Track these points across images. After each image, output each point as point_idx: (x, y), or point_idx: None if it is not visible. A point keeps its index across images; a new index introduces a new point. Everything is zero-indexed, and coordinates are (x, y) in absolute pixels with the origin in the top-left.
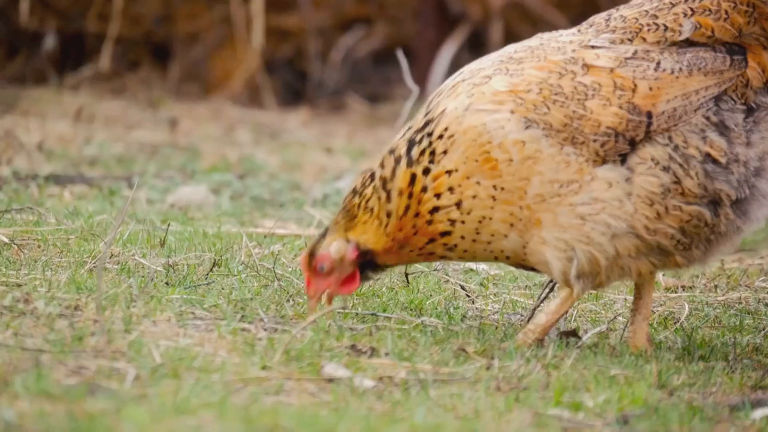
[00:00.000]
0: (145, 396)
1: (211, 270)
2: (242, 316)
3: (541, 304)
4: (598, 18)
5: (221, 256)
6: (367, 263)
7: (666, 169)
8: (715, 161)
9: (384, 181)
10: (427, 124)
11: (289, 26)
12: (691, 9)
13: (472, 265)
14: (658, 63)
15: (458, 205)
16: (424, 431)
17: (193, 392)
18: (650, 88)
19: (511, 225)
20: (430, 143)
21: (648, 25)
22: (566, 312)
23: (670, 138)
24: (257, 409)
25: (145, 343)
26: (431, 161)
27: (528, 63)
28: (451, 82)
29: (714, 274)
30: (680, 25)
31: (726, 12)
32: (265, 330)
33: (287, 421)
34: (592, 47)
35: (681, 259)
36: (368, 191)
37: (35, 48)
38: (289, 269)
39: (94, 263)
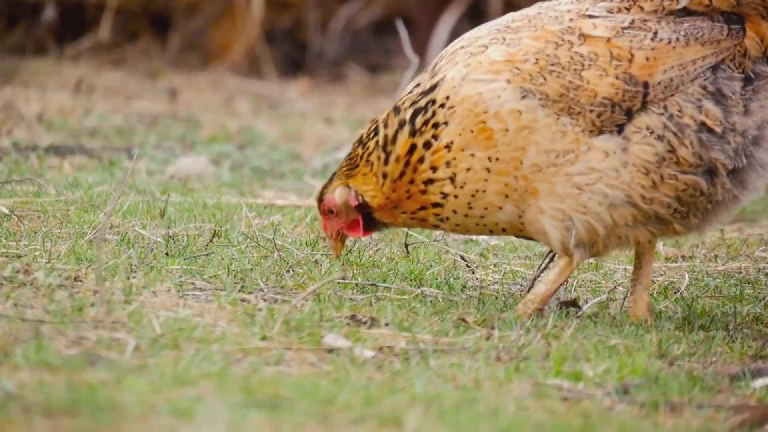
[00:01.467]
0: (145, 366)
1: (210, 241)
2: (242, 287)
3: (541, 274)
4: None
5: (221, 227)
6: (367, 215)
7: (660, 137)
8: (710, 130)
9: (385, 142)
10: (432, 88)
11: None
12: None
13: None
14: (655, 32)
15: (452, 179)
16: (424, 401)
17: (193, 363)
18: (647, 58)
19: (506, 196)
20: (434, 113)
21: None
22: (565, 281)
23: (665, 107)
24: (257, 380)
25: (145, 314)
26: (434, 136)
27: (525, 32)
28: (452, 48)
29: (714, 243)
30: None
31: None
32: (265, 300)
33: (287, 391)
34: (590, 16)
35: (679, 227)
36: (371, 144)
37: (35, 19)
38: (289, 240)
39: (94, 234)
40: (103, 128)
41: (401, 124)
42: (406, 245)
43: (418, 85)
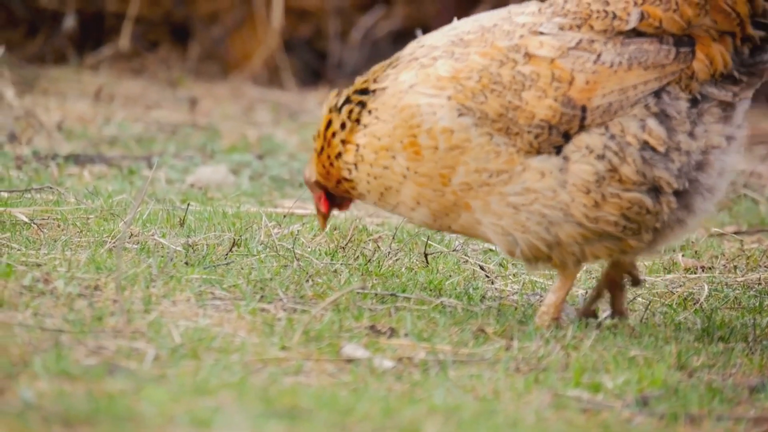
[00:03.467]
0: (164, 376)
1: (230, 250)
2: (261, 297)
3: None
4: None
5: (241, 236)
6: (327, 191)
7: (601, 157)
8: (653, 149)
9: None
10: (365, 91)
11: (308, 6)
12: None
13: (491, 245)
14: (599, 55)
15: (371, 165)
16: (444, 412)
17: (212, 373)
18: (587, 82)
19: (418, 202)
20: (360, 112)
21: (598, 11)
22: (570, 286)
23: (606, 127)
24: (276, 390)
25: (165, 324)
26: (357, 120)
27: (474, 47)
28: (409, 52)
29: (733, 254)
30: (628, 14)
31: (677, 3)
32: (285, 310)
33: (306, 401)
34: (541, 33)
35: (634, 242)
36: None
37: (55, 27)
38: (309, 249)
39: (114, 243)
40: (123, 137)
41: (330, 109)
42: (426, 255)
43: (360, 81)
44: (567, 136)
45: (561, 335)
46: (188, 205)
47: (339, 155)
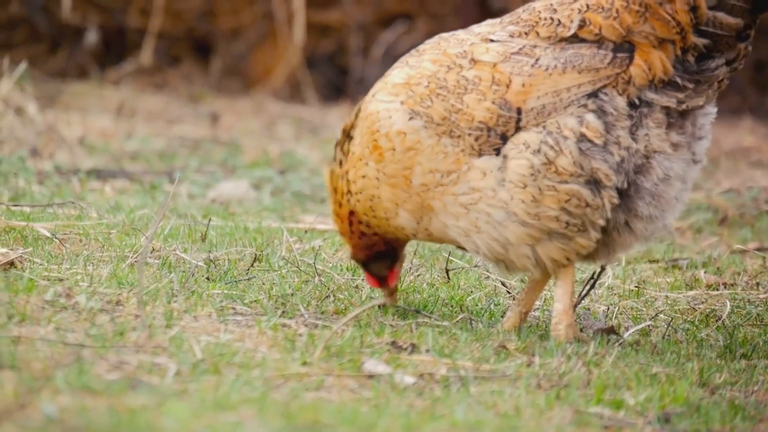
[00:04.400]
0: (185, 391)
1: (251, 265)
2: (283, 312)
3: (582, 301)
4: (524, 7)
5: (262, 252)
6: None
7: (536, 151)
8: (591, 141)
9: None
10: (354, 120)
11: (330, 22)
12: (587, 5)
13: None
14: (537, 59)
15: (354, 182)
16: (465, 428)
17: (233, 388)
18: (523, 84)
19: (397, 204)
20: (348, 143)
21: (545, 19)
22: (571, 289)
23: (543, 126)
24: (297, 405)
25: (186, 339)
26: (347, 150)
27: (428, 55)
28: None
29: (756, 271)
30: (572, 21)
31: (617, 11)
32: (306, 326)
33: (327, 417)
34: (490, 41)
35: (584, 241)
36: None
37: (77, 43)
38: (330, 265)
39: (136, 258)
40: (145, 152)
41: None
42: (447, 271)
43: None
44: (504, 138)
45: (583, 352)
46: (210, 220)
47: (344, 193)
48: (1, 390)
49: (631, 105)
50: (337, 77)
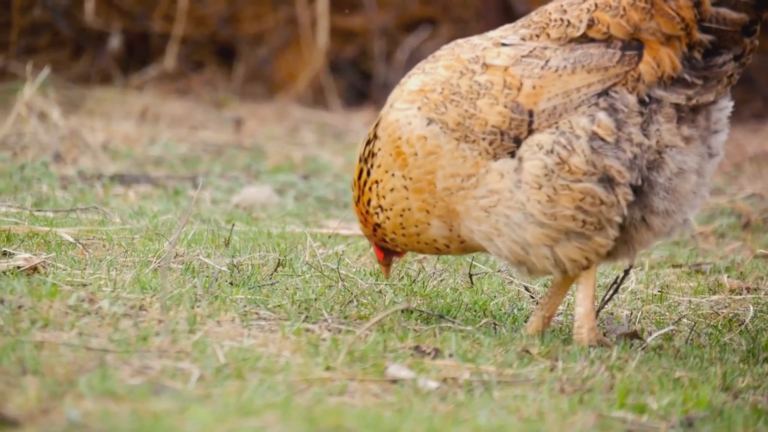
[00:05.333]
0: (209, 396)
1: (275, 270)
2: (306, 317)
3: (605, 305)
4: (537, 9)
5: (285, 257)
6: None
7: (550, 152)
8: (602, 139)
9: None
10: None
11: (354, 27)
12: (596, 4)
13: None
14: (548, 61)
15: (383, 197)
16: None
17: (256, 393)
18: (533, 87)
19: (428, 212)
20: (374, 144)
21: (555, 20)
22: (592, 293)
23: (556, 126)
24: (321, 410)
25: (209, 343)
26: (371, 164)
27: (442, 61)
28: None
29: None
30: (581, 21)
31: (624, 8)
32: (329, 330)
33: (351, 422)
34: (502, 45)
35: (602, 239)
36: None
37: (100, 48)
38: (353, 270)
39: (159, 263)
40: (168, 157)
41: (360, 158)
42: (470, 276)
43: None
44: (518, 141)
45: (606, 356)
46: (233, 225)
47: (369, 201)
48: (24, 395)
49: (642, 102)
50: (361, 82)
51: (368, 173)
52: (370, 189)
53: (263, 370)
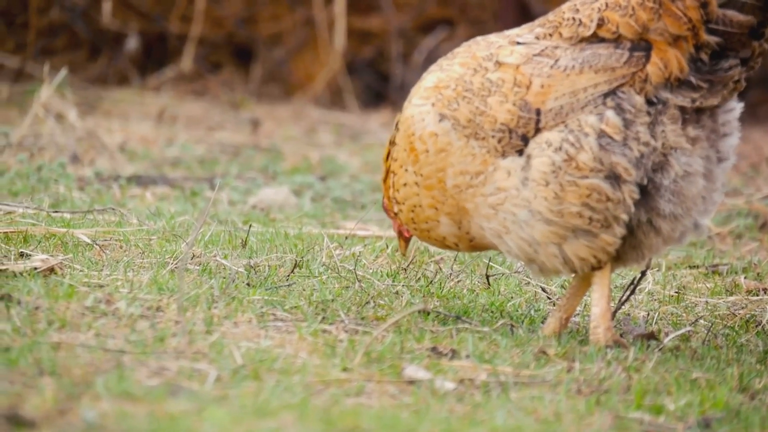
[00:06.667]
0: (226, 397)
1: (292, 271)
2: (323, 318)
3: (622, 306)
4: (555, 9)
5: (302, 258)
6: None
7: (558, 149)
8: (610, 137)
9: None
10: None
11: (371, 28)
12: (606, 3)
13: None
14: (557, 60)
15: (398, 190)
16: None
17: (273, 394)
18: (542, 86)
19: (437, 209)
20: (395, 135)
21: (568, 19)
22: (608, 292)
23: (565, 125)
24: (338, 411)
25: (226, 345)
26: (390, 155)
27: (458, 59)
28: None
29: None
30: (591, 20)
31: (633, 8)
32: (346, 331)
33: (368, 423)
34: (517, 43)
35: (608, 237)
36: None
37: (117, 49)
38: (370, 271)
39: (176, 264)
40: (186, 158)
41: (391, 141)
42: (487, 276)
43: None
44: (525, 140)
45: (623, 357)
46: (250, 226)
47: (390, 187)
48: (41, 396)
49: (649, 102)
50: (378, 83)
51: (392, 160)
52: (390, 176)
53: (280, 371)
